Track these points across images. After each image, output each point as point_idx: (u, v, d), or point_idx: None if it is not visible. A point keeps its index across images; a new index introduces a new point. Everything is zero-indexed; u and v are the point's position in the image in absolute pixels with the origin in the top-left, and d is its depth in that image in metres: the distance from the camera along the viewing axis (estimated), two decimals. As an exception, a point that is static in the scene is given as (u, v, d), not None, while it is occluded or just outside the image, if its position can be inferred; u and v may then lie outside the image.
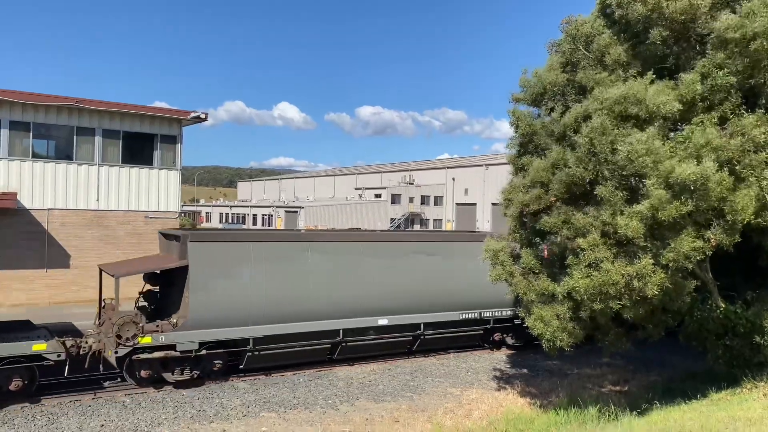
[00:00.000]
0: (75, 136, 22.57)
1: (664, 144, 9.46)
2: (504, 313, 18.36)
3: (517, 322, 17.99)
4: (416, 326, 17.23)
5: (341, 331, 16.06)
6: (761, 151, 9.15)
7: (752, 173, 9.11)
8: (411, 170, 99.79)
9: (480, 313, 18.06)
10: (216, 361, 14.71)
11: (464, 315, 17.82)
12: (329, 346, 16.13)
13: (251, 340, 14.90)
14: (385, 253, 17.16)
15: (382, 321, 16.65)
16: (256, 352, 15.04)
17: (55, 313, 19.85)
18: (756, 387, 10.58)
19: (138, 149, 23.86)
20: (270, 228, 76.51)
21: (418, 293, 17.14)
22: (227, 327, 14.55)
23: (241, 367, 15.12)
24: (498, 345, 19.08)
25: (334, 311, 15.92)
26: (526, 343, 18.75)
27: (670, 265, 9.41)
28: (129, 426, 11.88)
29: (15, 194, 21.05)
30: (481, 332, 18.52)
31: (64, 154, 22.58)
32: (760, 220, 9.18)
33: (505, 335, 18.97)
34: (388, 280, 16.81)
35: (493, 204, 74.95)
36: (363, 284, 16.45)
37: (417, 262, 17.33)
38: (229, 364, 15.09)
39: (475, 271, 16.89)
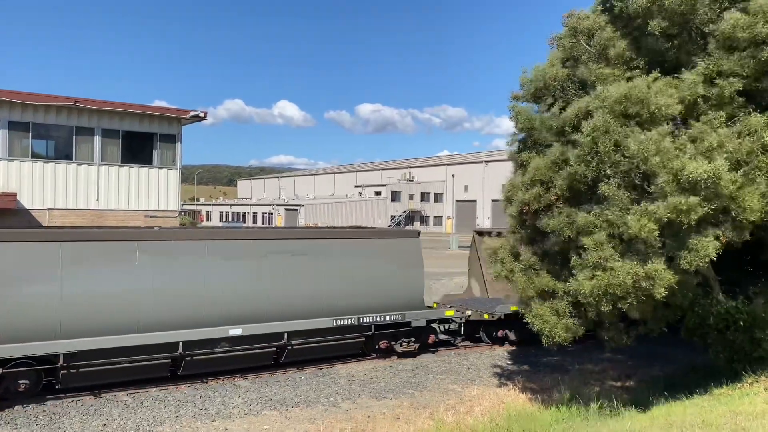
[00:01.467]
0: (74, 136, 22.57)
1: (673, 142, 9.39)
2: (389, 317, 16.49)
3: (415, 325, 16.99)
4: (280, 335, 15.09)
5: (180, 343, 13.84)
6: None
7: (759, 173, 9.09)
8: (411, 167, 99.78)
9: (359, 318, 16.07)
10: (21, 381, 12.51)
11: (339, 321, 15.74)
12: (169, 360, 14.07)
13: (61, 356, 12.70)
14: (238, 253, 14.96)
15: (235, 331, 14.41)
16: (73, 370, 12.92)
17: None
18: (757, 381, 10.59)
19: (137, 148, 23.86)
20: (268, 226, 76.50)
21: (281, 298, 15.04)
22: (31, 341, 12.37)
23: (57, 387, 13.03)
24: (385, 353, 17.11)
25: (170, 321, 13.72)
26: (421, 347, 17.51)
27: (690, 267, 9.31)
28: (131, 425, 11.89)
29: (15, 194, 21.07)
30: (362, 339, 16.61)
31: (63, 154, 22.59)
32: (766, 220, 9.17)
33: (393, 342, 17.03)
34: (241, 284, 14.69)
35: (494, 200, 74.97)
36: (208, 289, 14.20)
37: (279, 262, 15.18)
38: (48, 382, 13.03)
39: (354, 272, 16.01)
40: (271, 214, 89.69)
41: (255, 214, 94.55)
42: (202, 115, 24.48)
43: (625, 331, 12.51)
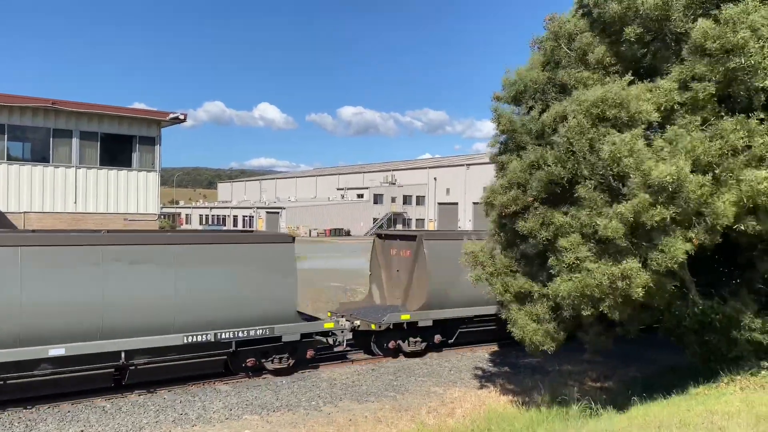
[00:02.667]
0: (51, 138, 22.29)
1: (648, 146, 9.52)
2: (254, 332, 14.78)
3: (287, 340, 15.24)
4: (116, 355, 13.25)
5: None
6: (739, 155, 9.27)
7: (731, 176, 9.22)
8: (393, 170, 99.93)
9: (216, 334, 14.26)
10: None
11: (191, 338, 13.95)
12: None
13: None
14: (63, 261, 12.85)
15: (56, 351, 12.58)
16: None
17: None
18: (733, 381, 10.75)
19: (116, 151, 23.63)
20: (247, 229, 76.03)
21: (117, 313, 13.11)
22: None
23: None
24: (256, 371, 15.44)
25: None
26: (298, 363, 15.84)
27: (660, 268, 9.45)
28: (109, 431, 11.73)
29: (-10, 197, 20.72)
30: (224, 357, 14.79)
31: (40, 156, 22.29)
32: (740, 225, 9.31)
33: (264, 359, 15.33)
34: (68, 297, 12.71)
35: (475, 203, 75.34)
36: (14, 304, 12.22)
37: (117, 271, 13.22)
38: None
39: (211, 282, 14.24)
40: (252, 217, 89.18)
41: (235, 217, 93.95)
42: (181, 117, 24.30)
43: (604, 333, 12.65)
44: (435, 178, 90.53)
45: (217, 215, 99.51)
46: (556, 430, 10.69)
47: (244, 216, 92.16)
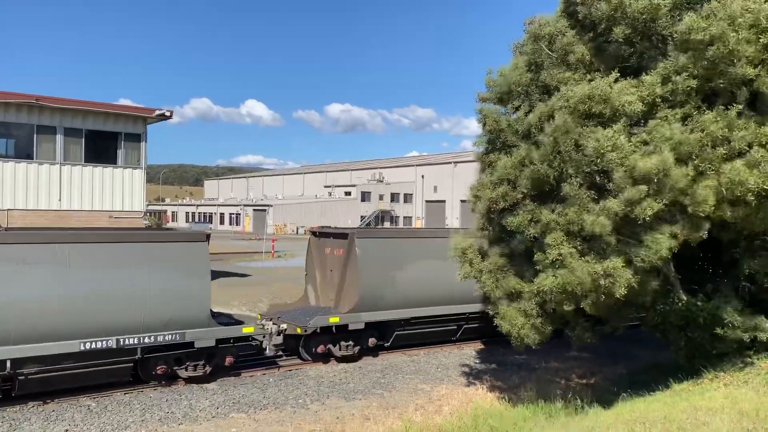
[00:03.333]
0: (35, 135, 22.03)
1: (629, 140, 9.63)
2: (163, 338, 13.67)
3: (200, 346, 14.13)
4: (1, 364, 12.10)
5: None
6: (719, 147, 9.40)
7: (711, 167, 9.35)
8: (381, 168, 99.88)
9: (119, 340, 13.13)
10: None
11: (89, 345, 12.80)
12: None
13: None
14: None
15: None
16: None
17: None
18: (717, 377, 10.87)
19: (101, 148, 23.40)
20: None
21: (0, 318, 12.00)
22: None
23: None
24: (169, 379, 14.40)
25: None
26: (216, 370, 14.80)
27: (645, 264, 9.53)
28: (94, 430, 11.64)
29: (-28, 195, 20.45)
30: (129, 365, 13.70)
31: (24, 153, 22.02)
32: (719, 213, 9.42)
33: (177, 367, 14.25)
34: None
35: (462, 201, 75.54)
36: None
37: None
38: None
39: (111, 283, 13.10)
40: (239, 214, 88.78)
41: (222, 215, 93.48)
42: (168, 114, 24.12)
43: (590, 330, 12.75)
44: (422, 176, 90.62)
45: (204, 213, 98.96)
46: (543, 427, 10.76)
47: (231, 213, 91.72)
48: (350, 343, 16.87)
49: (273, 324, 16.13)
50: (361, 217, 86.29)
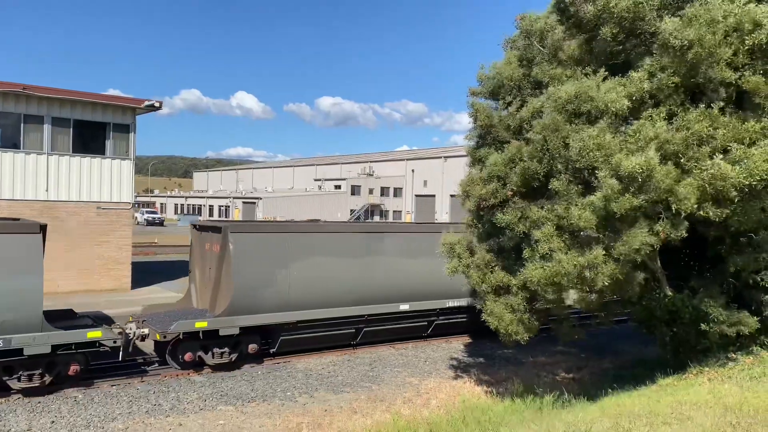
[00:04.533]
0: (22, 124, 21.77)
1: (614, 137, 9.72)
2: None
3: (31, 353, 12.34)
4: None
5: None
6: (704, 145, 9.50)
7: (696, 165, 9.45)
8: (371, 162, 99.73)
9: None
10: None
11: None
12: None
13: None
14: None
15: None
16: None
17: None
18: (701, 372, 11.00)
19: (90, 138, 23.17)
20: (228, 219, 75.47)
21: None
22: None
23: None
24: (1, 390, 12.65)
25: None
26: (58, 380, 13.12)
27: (621, 258, 9.69)
28: (81, 422, 11.60)
29: (-42, 184, 20.21)
30: None
31: (10, 142, 21.77)
32: (701, 211, 9.52)
33: (7, 377, 12.58)
34: None
35: (452, 196, 75.65)
36: None
37: None
38: None
39: None
40: (228, 207, 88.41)
41: (211, 207, 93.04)
42: (157, 104, 23.91)
43: (577, 325, 12.86)
44: (413, 170, 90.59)
45: (193, 204, 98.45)
46: (530, 420, 10.83)
47: (220, 206, 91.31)
48: (225, 349, 15.07)
49: (137, 327, 14.52)
50: (351, 210, 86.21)
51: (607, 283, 9.79)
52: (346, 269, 16.54)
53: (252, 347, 15.53)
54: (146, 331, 14.54)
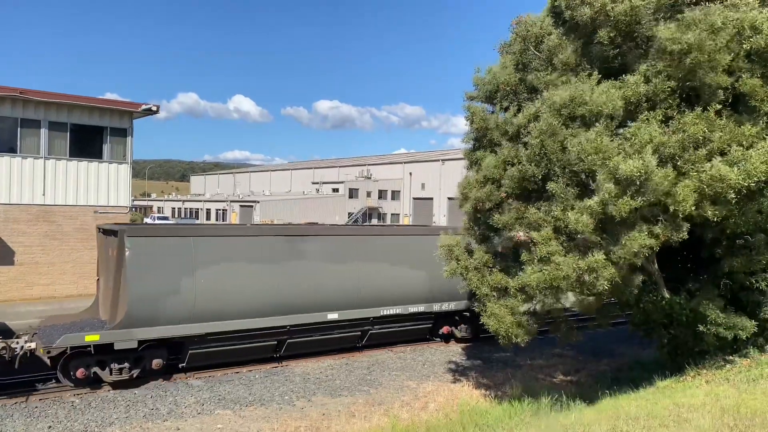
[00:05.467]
0: (19, 128, 21.75)
1: (612, 140, 9.74)
2: None
3: None
4: None
5: None
6: (701, 147, 9.52)
7: (692, 168, 9.47)
8: (368, 165, 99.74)
9: None
10: None
11: None
12: None
13: None
14: None
15: None
16: None
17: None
18: (699, 374, 11.01)
19: (87, 142, 23.16)
20: (223, 223, 75.39)
21: None
22: None
23: None
24: None
25: None
26: None
27: (620, 261, 9.69)
28: (78, 427, 11.56)
29: (-46, 188, 20.17)
30: None
31: (7, 146, 21.74)
32: (700, 211, 9.54)
33: None
34: None
35: (450, 198, 75.70)
36: None
37: None
38: None
39: None
40: (226, 210, 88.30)
41: (209, 211, 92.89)
42: (154, 108, 23.90)
43: (575, 328, 12.86)
44: (410, 173, 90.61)
45: (190, 208, 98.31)
46: (527, 423, 10.83)
47: (217, 209, 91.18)
48: (125, 365, 13.79)
49: (26, 341, 13.51)
50: (349, 213, 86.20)
51: (607, 287, 9.79)
52: (264, 276, 15.17)
53: (156, 362, 14.18)
54: (33, 345, 13.41)
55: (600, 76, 10.37)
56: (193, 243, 14.51)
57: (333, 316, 16.29)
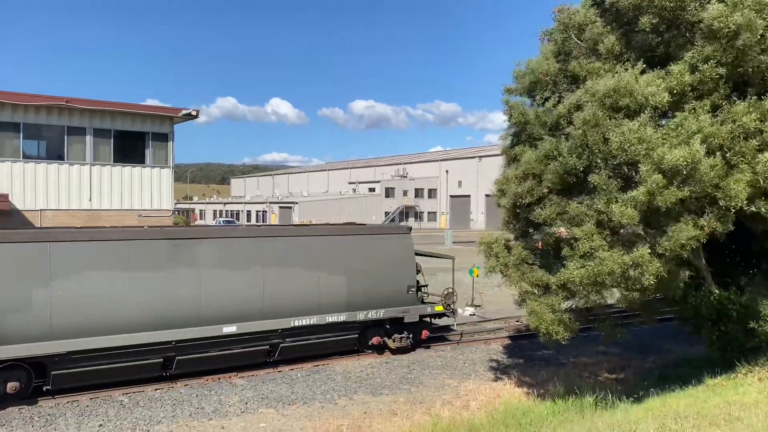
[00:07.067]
0: (66, 136, 22.46)
1: (656, 131, 9.49)
2: None
3: None
4: None
5: None
6: (752, 138, 9.19)
7: (743, 160, 9.16)
8: (404, 163, 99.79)
9: None
10: None
11: None
12: None
13: None
14: None
15: None
16: None
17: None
18: (751, 372, 10.67)
19: (130, 148, 23.78)
20: (265, 224, 76.35)
21: None
22: None
23: None
24: None
25: None
26: None
27: (666, 254, 9.44)
28: (127, 425, 11.87)
29: (7, 196, 20.95)
30: None
31: (55, 154, 22.48)
32: (752, 207, 9.23)
33: None
34: None
35: (487, 195, 75.12)
36: None
37: None
38: None
39: None
40: (265, 212, 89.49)
41: (249, 212, 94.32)
42: (194, 113, 24.39)
43: (619, 324, 12.60)
44: (447, 171, 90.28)
45: (231, 210, 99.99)
46: (572, 422, 10.66)
47: (257, 211, 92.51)
48: None
49: None
50: (386, 213, 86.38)
51: (653, 282, 9.54)
52: (142, 286, 13.42)
53: (12, 386, 12.44)
54: None
55: (644, 66, 10.11)
56: (49, 249, 12.79)
57: (230, 329, 14.39)
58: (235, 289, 14.50)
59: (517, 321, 21.19)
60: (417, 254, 17.98)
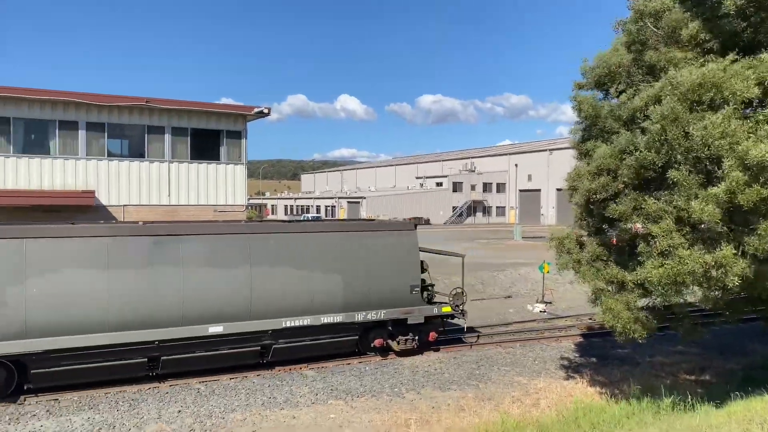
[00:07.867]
0: (146, 135, 23.59)
1: (741, 124, 8.96)
2: None
3: None
4: None
5: None
6: None
7: None
8: (472, 158, 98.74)
9: None
10: None
11: None
12: None
13: None
14: None
15: None
16: None
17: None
18: None
19: (205, 145, 24.70)
20: (334, 219, 77.36)
21: None
22: None
23: None
24: None
25: None
26: None
27: (758, 254, 8.90)
28: (204, 412, 12.37)
29: (93, 192, 22.23)
30: None
31: (136, 152, 23.64)
32: None
33: None
34: None
35: (558, 190, 73.33)
36: None
37: None
38: None
39: None
40: (335, 206, 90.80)
41: (318, 207, 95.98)
42: (266, 111, 25.04)
43: (699, 323, 12.05)
44: (516, 165, 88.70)
45: (302, 205, 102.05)
46: (648, 424, 10.30)
47: (326, 206, 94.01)
48: None
49: None
50: (453, 207, 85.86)
51: (737, 283, 9.03)
52: (123, 284, 13.17)
53: None
54: None
55: (736, 57, 9.50)
56: (24, 246, 12.59)
57: (216, 329, 14.02)
58: (221, 288, 14.12)
59: (590, 319, 20.60)
60: (422, 251, 16.95)
